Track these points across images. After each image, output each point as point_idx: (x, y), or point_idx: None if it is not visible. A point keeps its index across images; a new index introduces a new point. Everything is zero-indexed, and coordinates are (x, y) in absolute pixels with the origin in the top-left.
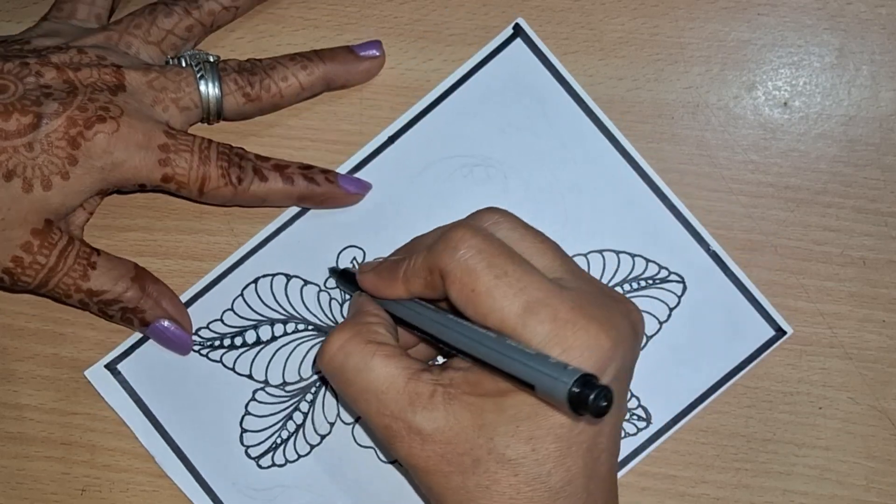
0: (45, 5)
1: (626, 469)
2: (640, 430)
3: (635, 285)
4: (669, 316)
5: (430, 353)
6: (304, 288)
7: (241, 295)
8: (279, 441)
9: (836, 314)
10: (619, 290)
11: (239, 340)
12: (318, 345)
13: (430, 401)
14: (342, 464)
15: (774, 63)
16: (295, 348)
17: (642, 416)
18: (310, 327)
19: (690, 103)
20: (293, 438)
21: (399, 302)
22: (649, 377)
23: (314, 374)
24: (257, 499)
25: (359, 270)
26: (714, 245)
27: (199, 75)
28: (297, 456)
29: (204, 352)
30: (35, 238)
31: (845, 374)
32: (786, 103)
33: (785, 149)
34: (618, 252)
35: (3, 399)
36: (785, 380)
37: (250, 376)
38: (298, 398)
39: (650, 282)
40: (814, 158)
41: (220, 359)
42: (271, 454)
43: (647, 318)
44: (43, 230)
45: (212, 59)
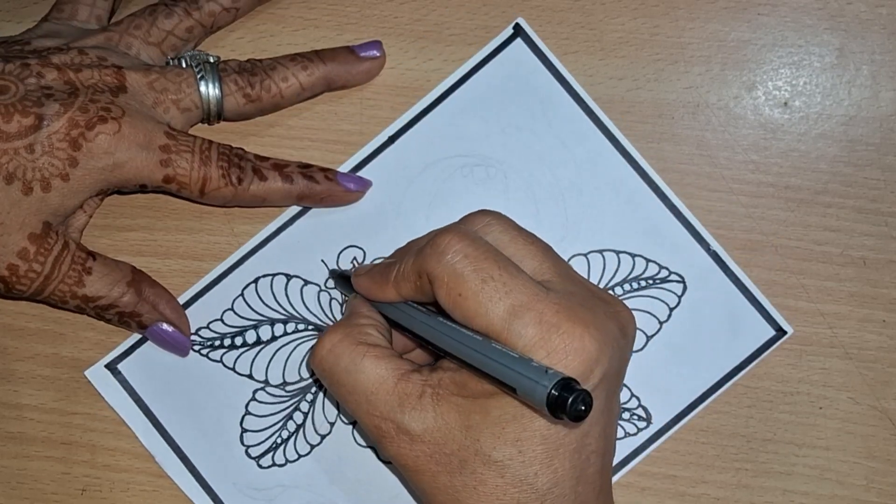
0: (45, 5)
1: (626, 469)
2: (641, 430)
3: (635, 285)
4: (669, 316)
5: (427, 357)
6: (305, 288)
7: (242, 295)
8: (279, 441)
9: (836, 314)
10: (619, 289)
11: (239, 340)
12: None
13: (419, 401)
14: (342, 464)
15: (775, 63)
16: (295, 348)
17: (642, 416)
18: (310, 327)
19: (691, 103)
20: (293, 438)
21: (392, 304)
22: (649, 377)
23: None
24: (257, 498)
25: (354, 273)
26: (714, 245)
27: (199, 76)
28: (297, 456)
29: (204, 352)
30: (32, 244)
31: (845, 374)
32: (786, 103)
33: (785, 149)
34: (618, 252)
35: (4, 399)
36: (785, 380)
37: (250, 376)
38: (299, 398)
39: (650, 282)
40: (814, 158)
41: (221, 359)
42: (271, 454)
43: (648, 318)
44: (40, 235)
45: (212, 60)
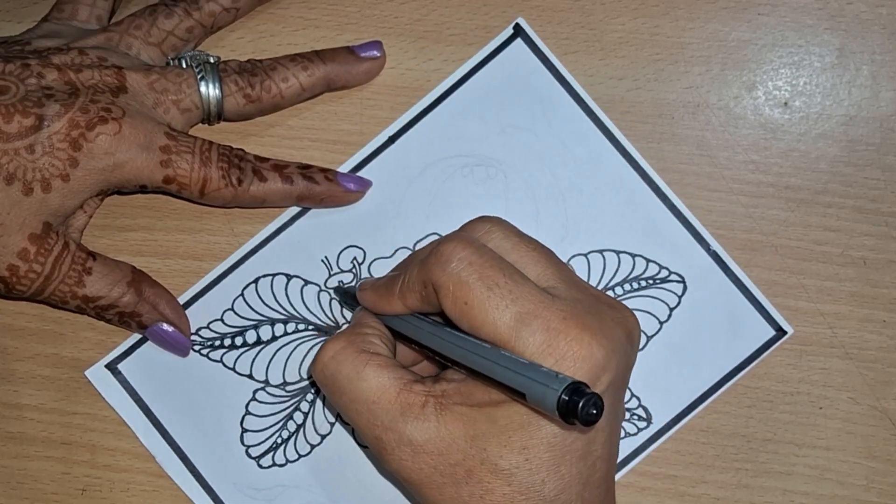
0: (45, 5)
1: (627, 469)
2: (641, 430)
3: (635, 285)
4: (670, 316)
5: (431, 370)
6: (305, 288)
7: (242, 295)
8: (280, 441)
9: (836, 314)
10: (619, 289)
11: (239, 340)
12: (318, 345)
13: (421, 411)
14: (343, 464)
15: (775, 63)
16: (295, 348)
17: (643, 416)
18: (310, 327)
19: (691, 103)
20: (294, 438)
21: (398, 317)
22: (649, 377)
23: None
24: (258, 498)
25: (358, 287)
26: (714, 245)
27: (199, 76)
28: (297, 456)
29: (204, 352)
30: (32, 244)
31: (845, 374)
32: (786, 103)
33: (785, 149)
34: (618, 252)
35: (4, 399)
36: (785, 380)
37: (251, 376)
38: (299, 398)
39: (650, 282)
40: (814, 158)
41: (221, 359)
42: (272, 454)
43: (648, 318)
44: (40, 235)
45: (212, 60)
